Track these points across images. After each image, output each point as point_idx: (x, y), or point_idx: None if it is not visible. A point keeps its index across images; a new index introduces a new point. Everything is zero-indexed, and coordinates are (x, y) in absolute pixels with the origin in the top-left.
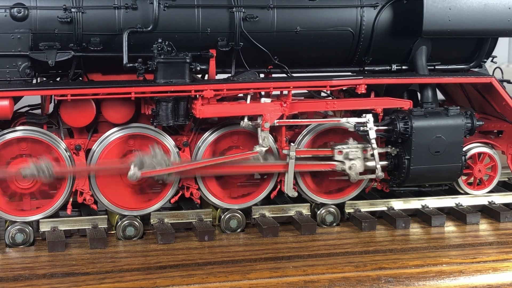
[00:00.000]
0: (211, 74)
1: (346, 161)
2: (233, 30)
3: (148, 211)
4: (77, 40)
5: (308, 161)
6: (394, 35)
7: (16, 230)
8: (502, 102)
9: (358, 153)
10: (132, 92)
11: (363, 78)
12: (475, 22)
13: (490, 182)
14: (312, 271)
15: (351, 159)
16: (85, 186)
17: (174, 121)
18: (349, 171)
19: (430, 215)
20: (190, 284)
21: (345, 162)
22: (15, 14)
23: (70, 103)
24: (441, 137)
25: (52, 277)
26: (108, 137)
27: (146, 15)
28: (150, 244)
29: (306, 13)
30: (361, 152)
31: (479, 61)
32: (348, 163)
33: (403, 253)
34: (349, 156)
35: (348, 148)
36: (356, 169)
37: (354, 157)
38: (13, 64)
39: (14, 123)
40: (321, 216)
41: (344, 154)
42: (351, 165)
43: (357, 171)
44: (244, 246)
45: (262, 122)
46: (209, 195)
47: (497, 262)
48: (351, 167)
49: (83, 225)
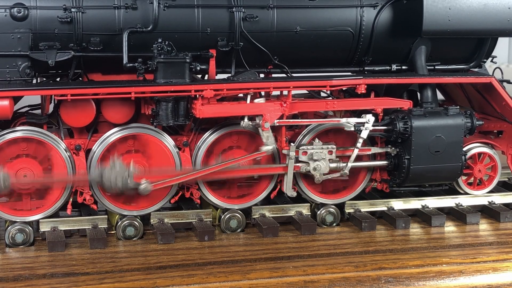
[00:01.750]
0: (211, 74)
1: (310, 162)
2: (233, 30)
3: (148, 211)
4: (77, 40)
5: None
6: (393, 35)
7: (16, 230)
8: (502, 102)
9: (323, 154)
10: (132, 92)
11: (363, 78)
12: (475, 22)
13: (490, 182)
14: (312, 271)
15: (315, 160)
16: (85, 186)
17: (174, 121)
18: (313, 172)
19: (430, 215)
20: (190, 284)
21: (310, 163)
22: (15, 14)
23: (70, 103)
24: (441, 137)
25: (52, 277)
26: (108, 137)
27: (146, 15)
28: (150, 244)
29: (306, 13)
30: (326, 153)
31: (479, 61)
32: (313, 164)
33: (403, 253)
34: (314, 157)
35: (312, 149)
36: (320, 170)
37: (319, 158)
38: (13, 64)
39: (14, 123)
40: (321, 216)
41: (308, 155)
42: (316, 166)
43: (322, 172)
44: (244, 246)
45: (262, 122)
46: (209, 195)
47: (497, 262)
48: (315, 168)
49: (83, 225)
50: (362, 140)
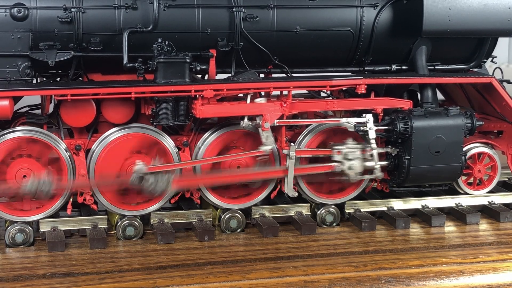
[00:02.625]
0: (211, 74)
1: (345, 162)
2: (233, 30)
3: (148, 211)
4: (77, 40)
5: (308, 163)
6: (394, 35)
7: (16, 230)
8: (502, 102)
9: (357, 153)
10: (132, 92)
11: (363, 78)
12: (475, 22)
13: (490, 182)
14: (312, 271)
15: (350, 159)
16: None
17: (174, 121)
18: (348, 171)
19: (430, 215)
20: (190, 284)
21: (344, 163)
22: (15, 14)
23: (70, 103)
24: (441, 137)
25: (52, 277)
26: (108, 137)
27: (146, 15)
28: (150, 244)
29: (306, 13)
30: (360, 152)
31: (479, 61)
32: (347, 163)
33: (403, 253)
34: (348, 156)
35: (347, 149)
36: (355, 169)
37: (353, 157)
38: (13, 64)
39: (14, 123)
40: (321, 216)
41: (343, 155)
42: (351, 166)
43: (356, 171)
44: (244, 246)
45: (262, 122)
46: (209, 195)
47: (497, 262)
48: (350, 168)
49: (83, 225)
50: (373, 139)
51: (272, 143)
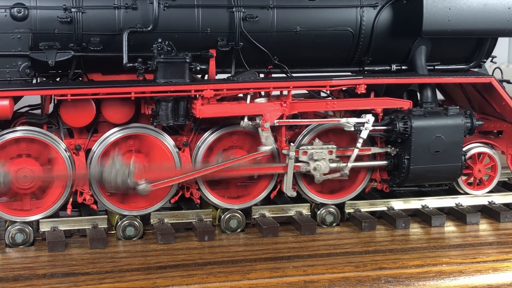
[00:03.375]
0: (211, 74)
1: (311, 162)
2: (233, 30)
3: (148, 211)
4: (77, 40)
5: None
6: (393, 35)
7: (16, 230)
8: (501, 102)
9: (323, 154)
10: (132, 92)
11: (363, 78)
12: (475, 22)
13: (490, 182)
14: (312, 271)
15: (315, 160)
16: (85, 186)
17: (174, 121)
18: (313, 172)
19: (430, 215)
20: (190, 284)
21: (310, 163)
22: (15, 14)
23: (70, 103)
24: (440, 137)
25: (52, 277)
26: (108, 137)
27: (146, 15)
28: (150, 244)
29: (306, 13)
30: (326, 153)
31: (479, 61)
32: (313, 164)
33: (403, 253)
34: (314, 157)
35: (313, 149)
36: (321, 170)
37: (319, 158)
38: (13, 64)
39: (14, 123)
40: (321, 216)
41: (308, 155)
42: (316, 166)
43: (322, 171)
44: (244, 246)
45: (262, 122)
46: (209, 195)
47: (497, 262)
48: (315, 168)
49: (83, 225)
50: (362, 140)
51: (271, 143)
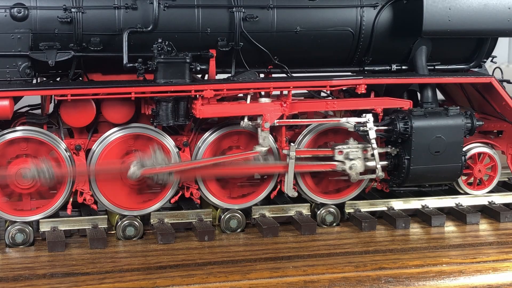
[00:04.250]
0: (211, 74)
1: (346, 161)
2: (233, 30)
3: (148, 211)
4: (77, 40)
5: (308, 161)
6: (394, 35)
7: (16, 230)
8: (502, 102)
9: (358, 153)
10: (132, 92)
11: (363, 78)
12: (475, 22)
13: (490, 182)
14: (312, 271)
15: (351, 159)
16: (85, 186)
17: (174, 121)
18: (349, 171)
19: (430, 215)
20: (190, 284)
21: (346, 162)
22: (15, 14)
23: (70, 103)
24: (441, 137)
25: (52, 277)
26: (108, 137)
27: (146, 15)
28: (150, 244)
29: (306, 13)
30: (362, 152)
31: (479, 61)
32: (349, 163)
33: (403, 253)
34: (350, 156)
35: (348, 148)
36: (356, 169)
37: (355, 157)
38: (13, 64)
39: (14, 123)
40: (321, 216)
41: (344, 154)
42: (352, 165)
43: (358, 171)
44: (244, 246)
45: (262, 122)
46: (209, 195)
47: (497, 262)
48: (351, 167)
49: (83, 225)
50: (374, 139)
51: (268, 145)
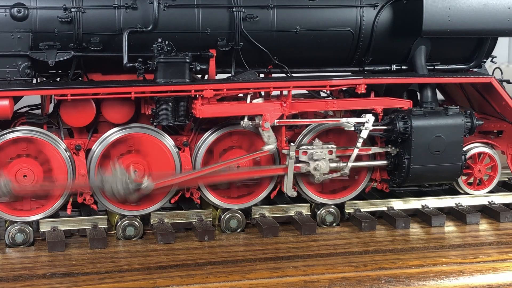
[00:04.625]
0: (211, 74)
1: (311, 162)
2: (233, 30)
3: (148, 211)
4: (77, 40)
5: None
6: (393, 35)
7: (16, 230)
8: (502, 102)
9: (323, 153)
10: (132, 92)
11: (363, 78)
12: (475, 22)
13: (490, 182)
14: (312, 271)
15: (315, 160)
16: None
17: (174, 121)
18: (314, 172)
19: (430, 215)
20: (190, 284)
21: (310, 163)
22: (15, 14)
23: (70, 103)
24: (441, 137)
25: (52, 277)
26: (108, 137)
27: (146, 15)
28: (150, 244)
29: (306, 13)
30: (326, 153)
31: (479, 61)
32: (313, 164)
33: (403, 253)
34: (314, 157)
35: (313, 149)
36: (321, 169)
37: (319, 158)
38: (13, 64)
39: (14, 123)
40: (321, 216)
41: (308, 155)
42: (316, 166)
43: (322, 171)
44: (244, 246)
45: (262, 122)
46: (209, 195)
47: (497, 262)
48: (316, 168)
49: (83, 225)
50: (362, 140)
51: (274, 142)
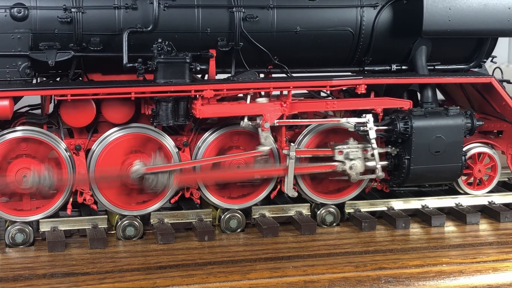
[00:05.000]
0: (211, 74)
1: (346, 161)
2: (233, 30)
3: (148, 211)
4: (77, 40)
5: (308, 163)
6: (394, 35)
7: (16, 230)
8: (502, 102)
9: (358, 153)
10: (132, 92)
11: (363, 78)
12: (475, 22)
13: (490, 182)
14: (312, 271)
15: (351, 159)
16: (85, 186)
17: (174, 121)
18: (349, 171)
19: (430, 215)
20: (190, 284)
21: (346, 162)
22: (15, 14)
23: (70, 103)
24: (441, 137)
25: (52, 277)
26: (108, 137)
27: (146, 15)
28: (150, 244)
29: (306, 13)
30: (362, 152)
31: (479, 61)
32: (349, 163)
33: (403, 253)
34: (350, 156)
35: (348, 148)
36: (356, 169)
37: (355, 157)
38: (13, 64)
39: (14, 123)
40: (321, 216)
41: (344, 154)
42: (352, 165)
43: (358, 171)
44: (244, 246)
45: (262, 122)
46: (209, 195)
47: (497, 262)
48: (351, 167)
49: (83, 225)
50: (374, 139)
51: (270, 144)
